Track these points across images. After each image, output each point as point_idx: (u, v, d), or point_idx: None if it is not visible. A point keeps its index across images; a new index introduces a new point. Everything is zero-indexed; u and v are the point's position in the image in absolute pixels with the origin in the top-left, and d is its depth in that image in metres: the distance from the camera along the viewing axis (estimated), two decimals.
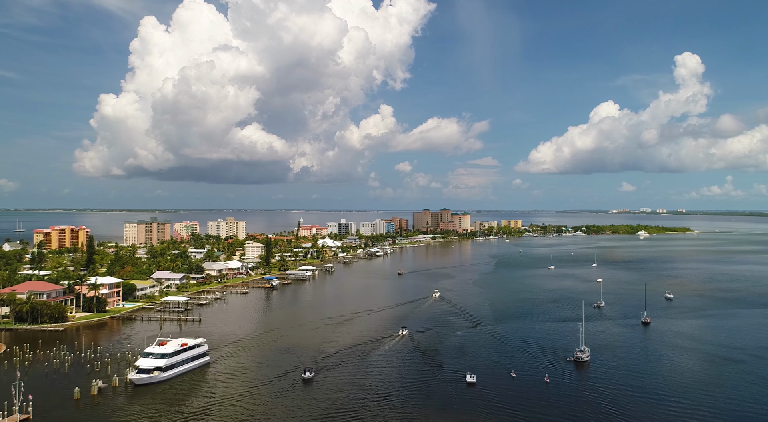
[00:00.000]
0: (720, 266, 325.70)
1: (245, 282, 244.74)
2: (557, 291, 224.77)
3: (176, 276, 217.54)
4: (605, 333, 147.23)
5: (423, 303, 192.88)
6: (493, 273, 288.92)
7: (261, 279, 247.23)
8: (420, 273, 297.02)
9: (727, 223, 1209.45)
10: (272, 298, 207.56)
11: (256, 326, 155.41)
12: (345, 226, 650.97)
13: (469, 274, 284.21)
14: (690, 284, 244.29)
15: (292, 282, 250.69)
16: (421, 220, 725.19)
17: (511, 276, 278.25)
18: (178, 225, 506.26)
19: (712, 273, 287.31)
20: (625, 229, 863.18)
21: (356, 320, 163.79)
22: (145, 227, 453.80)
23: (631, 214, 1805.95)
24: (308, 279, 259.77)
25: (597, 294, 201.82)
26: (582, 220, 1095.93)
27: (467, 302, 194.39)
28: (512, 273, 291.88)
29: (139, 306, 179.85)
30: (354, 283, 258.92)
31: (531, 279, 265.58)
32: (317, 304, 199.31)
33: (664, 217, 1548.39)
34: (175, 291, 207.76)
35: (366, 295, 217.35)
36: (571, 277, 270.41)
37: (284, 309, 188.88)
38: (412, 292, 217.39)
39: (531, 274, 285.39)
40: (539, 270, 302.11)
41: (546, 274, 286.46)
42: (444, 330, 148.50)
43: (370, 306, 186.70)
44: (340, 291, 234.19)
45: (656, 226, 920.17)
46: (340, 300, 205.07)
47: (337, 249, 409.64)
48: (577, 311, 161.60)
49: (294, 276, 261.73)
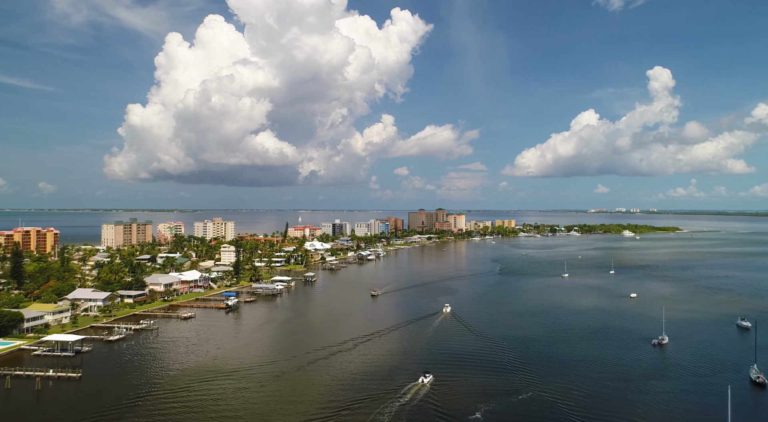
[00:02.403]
0: (763, 274, 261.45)
1: (201, 298, 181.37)
2: (587, 312, 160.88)
3: (99, 296, 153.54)
4: (692, 404, 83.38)
5: (432, 321, 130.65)
6: (501, 286, 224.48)
7: (220, 296, 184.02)
8: (405, 292, 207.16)
9: (710, 222, 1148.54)
10: (218, 327, 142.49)
11: (154, 383, 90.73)
12: (339, 227, 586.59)
13: (472, 287, 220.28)
14: (760, 302, 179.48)
15: (259, 298, 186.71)
16: (416, 220, 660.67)
17: (522, 288, 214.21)
18: (162, 226, 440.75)
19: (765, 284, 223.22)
20: (616, 229, 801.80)
21: (342, 358, 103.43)
22: (123, 228, 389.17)
23: (608, 214, 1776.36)
24: (279, 295, 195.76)
25: (640, 318, 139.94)
26: (564, 220, 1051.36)
27: (479, 330, 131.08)
28: (522, 284, 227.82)
29: (16, 347, 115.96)
30: (335, 300, 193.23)
31: (547, 293, 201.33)
32: (282, 337, 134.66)
33: (639, 216, 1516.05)
34: (92, 317, 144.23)
35: (351, 319, 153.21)
36: (594, 290, 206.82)
37: (225, 346, 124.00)
38: (413, 311, 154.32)
39: (544, 285, 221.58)
40: (552, 280, 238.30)
41: (562, 285, 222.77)
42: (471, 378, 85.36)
43: (360, 333, 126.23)
44: (316, 313, 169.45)
45: (646, 226, 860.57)
46: (315, 329, 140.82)
47: (326, 252, 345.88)
48: (632, 354, 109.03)
49: (262, 291, 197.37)
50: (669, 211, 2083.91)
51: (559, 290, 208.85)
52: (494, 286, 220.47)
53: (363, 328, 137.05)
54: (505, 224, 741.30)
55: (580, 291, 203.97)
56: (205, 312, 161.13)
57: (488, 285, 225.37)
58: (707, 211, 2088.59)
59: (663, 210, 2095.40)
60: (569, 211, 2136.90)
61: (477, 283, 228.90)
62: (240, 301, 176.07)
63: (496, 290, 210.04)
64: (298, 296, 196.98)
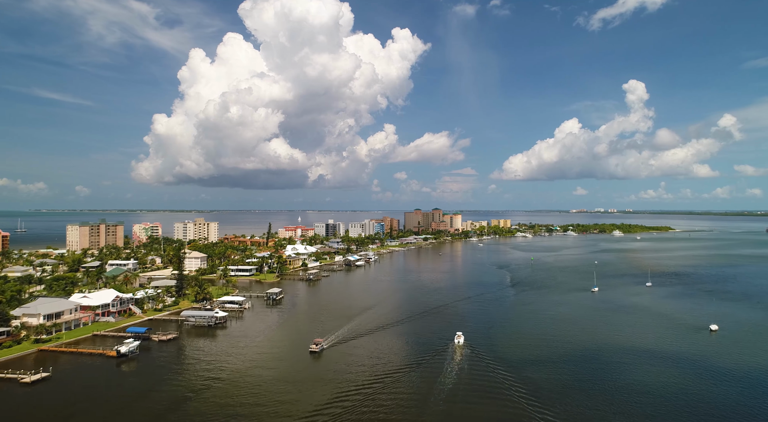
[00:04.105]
0: None
1: (100, 334, 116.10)
2: (655, 357, 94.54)
3: None
4: None
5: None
6: (520, 306, 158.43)
7: (122, 332, 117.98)
8: (392, 328, 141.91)
9: (693, 222, 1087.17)
10: (75, 403, 77.24)
11: None
12: (332, 227, 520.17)
13: (484, 307, 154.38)
14: None
15: (187, 335, 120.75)
16: (412, 220, 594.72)
17: (547, 311, 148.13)
18: (137, 226, 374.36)
19: None
20: (610, 229, 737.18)
21: None
22: (89, 229, 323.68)
23: (588, 214, 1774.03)
24: (222, 324, 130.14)
25: (748, 375, 76.09)
26: (548, 219, 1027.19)
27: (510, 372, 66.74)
28: (545, 302, 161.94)
29: None
30: (300, 333, 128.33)
31: (583, 317, 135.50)
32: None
33: (618, 216, 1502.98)
34: None
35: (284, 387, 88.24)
36: (644, 315, 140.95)
37: None
38: (417, 346, 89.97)
39: (574, 304, 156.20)
40: (580, 296, 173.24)
41: (596, 305, 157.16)
42: None
43: None
44: (262, 355, 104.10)
45: (639, 225, 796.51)
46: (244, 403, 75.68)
47: (309, 257, 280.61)
48: None
49: (196, 320, 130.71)
50: (643, 211, 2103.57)
51: (597, 314, 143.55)
52: (512, 307, 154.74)
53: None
54: (500, 224, 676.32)
55: (627, 317, 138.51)
56: (78, 366, 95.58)
57: (503, 303, 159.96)
58: (675, 211, 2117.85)
59: (637, 210, 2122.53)
60: (552, 211, 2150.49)
61: (489, 301, 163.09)
62: (155, 338, 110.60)
63: (516, 312, 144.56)
64: (249, 327, 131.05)
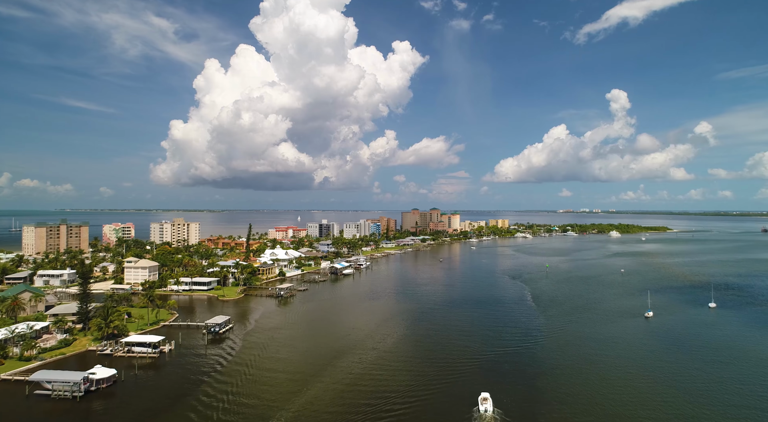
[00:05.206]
0: None
1: None
2: None
3: None
4: None
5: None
6: (552, 339, 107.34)
7: None
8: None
9: (684, 222, 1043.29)
10: None
11: None
12: (326, 227, 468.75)
13: (512, 356, 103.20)
14: None
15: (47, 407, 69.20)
16: (409, 220, 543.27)
17: (595, 349, 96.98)
18: (107, 227, 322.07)
19: None
20: (608, 229, 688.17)
21: None
22: (47, 231, 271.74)
23: (574, 214, 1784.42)
24: (99, 392, 78.05)
25: None
26: (537, 219, 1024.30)
27: None
28: (587, 334, 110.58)
29: None
30: (227, 408, 77.24)
31: (659, 371, 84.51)
32: None
33: (602, 216, 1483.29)
34: None
35: None
36: (736, 354, 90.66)
37: None
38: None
39: (633, 344, 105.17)
40: (634, 327, 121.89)
41: (667, 345, 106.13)
42: None
43: None
44: None
45: (635, 225, 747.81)
46: None
47: (289, 264, 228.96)
48: None
49: (54, 387, 74.44)
50: (626, 211, 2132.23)
51: (670, 356, 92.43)
52: (547, 346, 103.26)
53: None
54: (499, 224, 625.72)
55: (718, 370, 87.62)
56: None
57: (531, 338, 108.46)
58: (654, 211, 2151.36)
59: (620, 210, 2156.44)
60: (541, 211, 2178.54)
61: (514, 336, 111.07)
62: None
63: (554, 355, 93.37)
64: (125, 404, 79.61)
